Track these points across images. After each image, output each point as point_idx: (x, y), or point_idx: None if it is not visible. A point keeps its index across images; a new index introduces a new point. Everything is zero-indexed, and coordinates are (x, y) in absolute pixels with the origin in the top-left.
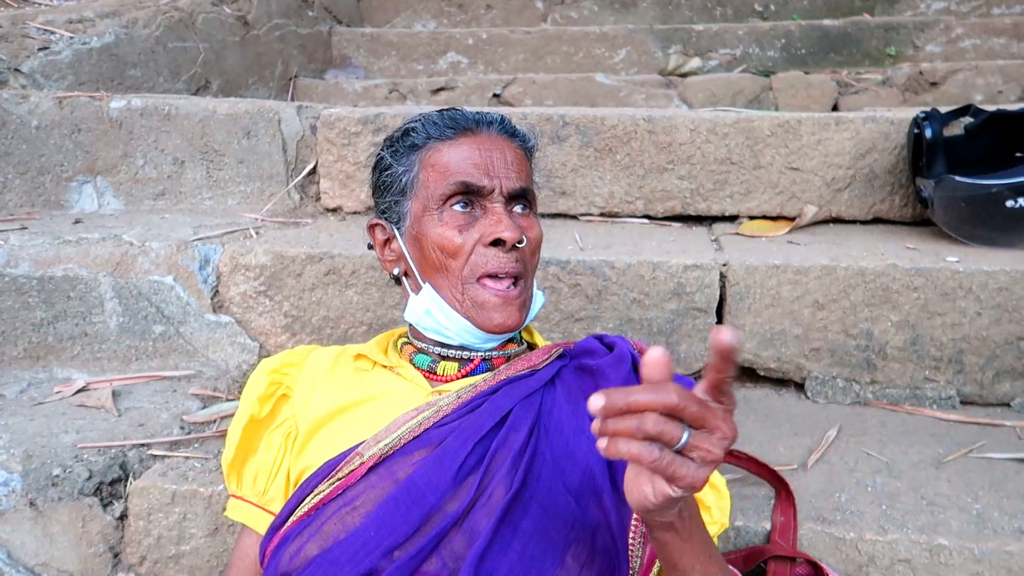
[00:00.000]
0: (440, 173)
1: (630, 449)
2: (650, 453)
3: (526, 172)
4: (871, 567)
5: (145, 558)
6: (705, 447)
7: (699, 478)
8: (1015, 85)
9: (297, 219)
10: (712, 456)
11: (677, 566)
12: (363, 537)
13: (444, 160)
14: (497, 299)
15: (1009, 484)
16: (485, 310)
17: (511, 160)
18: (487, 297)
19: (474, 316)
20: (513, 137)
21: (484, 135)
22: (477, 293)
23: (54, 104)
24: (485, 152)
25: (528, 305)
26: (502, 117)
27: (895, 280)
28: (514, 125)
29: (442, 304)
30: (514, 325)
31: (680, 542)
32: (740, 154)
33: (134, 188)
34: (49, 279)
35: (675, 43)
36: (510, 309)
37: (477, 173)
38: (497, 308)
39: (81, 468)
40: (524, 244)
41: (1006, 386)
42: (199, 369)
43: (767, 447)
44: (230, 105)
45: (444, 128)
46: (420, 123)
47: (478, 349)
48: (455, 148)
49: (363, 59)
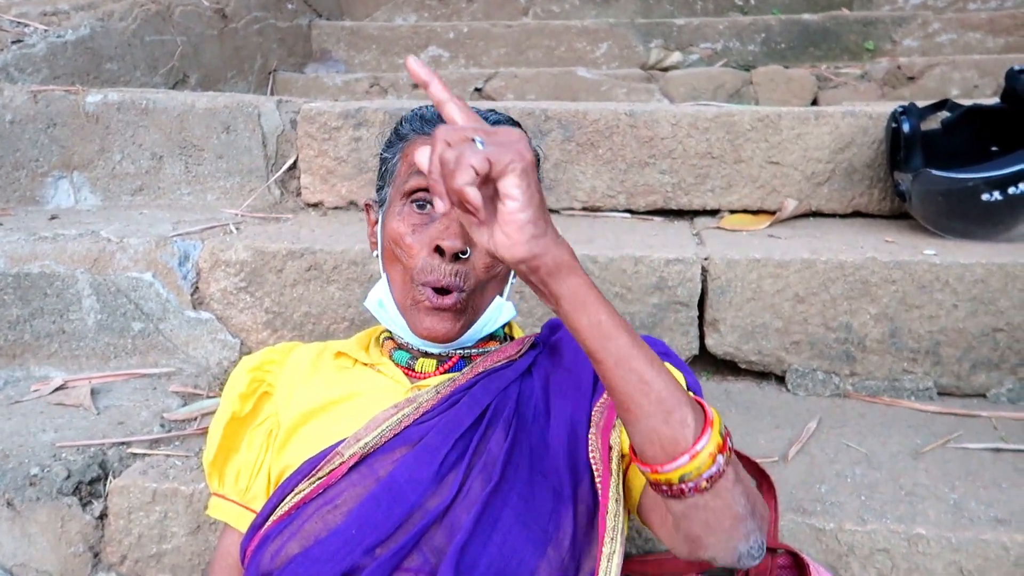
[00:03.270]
0: (409, 166)
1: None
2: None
3: None
4: (851, 557)
5: (126, 557)
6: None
7: (497, 158)
8: (991, 79)
9: (278, 214)
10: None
11: (593, 354)
12: (344, 535)
13: (416, 154)
14: (429, 304)
15: (985, 474)
16: (418, 313)
17: None
18: (421, 300)
19: (409, 318)
20: None
21: None
22: (416, 294)
23: (29, 98)
24: None
25: (472, 315)
26: (498, 119)
27: (874, 273)
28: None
29: (391, 299)
30: (443, 335)
31: (574, 312)
32: (721, 148)
33: (111, 183)
34: (25, 276)
35: (656, 37)
36: (440, 317)
37: None
38: (428, 313)
39: (59, 467)
40: (468, 255)
41: (982, 377)
42: (179, 366)
43: (748, 439)
44: (209, 99)
45: (427, 122)
46: (413, 114)
47: (436, 351)
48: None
49: (343, 53)
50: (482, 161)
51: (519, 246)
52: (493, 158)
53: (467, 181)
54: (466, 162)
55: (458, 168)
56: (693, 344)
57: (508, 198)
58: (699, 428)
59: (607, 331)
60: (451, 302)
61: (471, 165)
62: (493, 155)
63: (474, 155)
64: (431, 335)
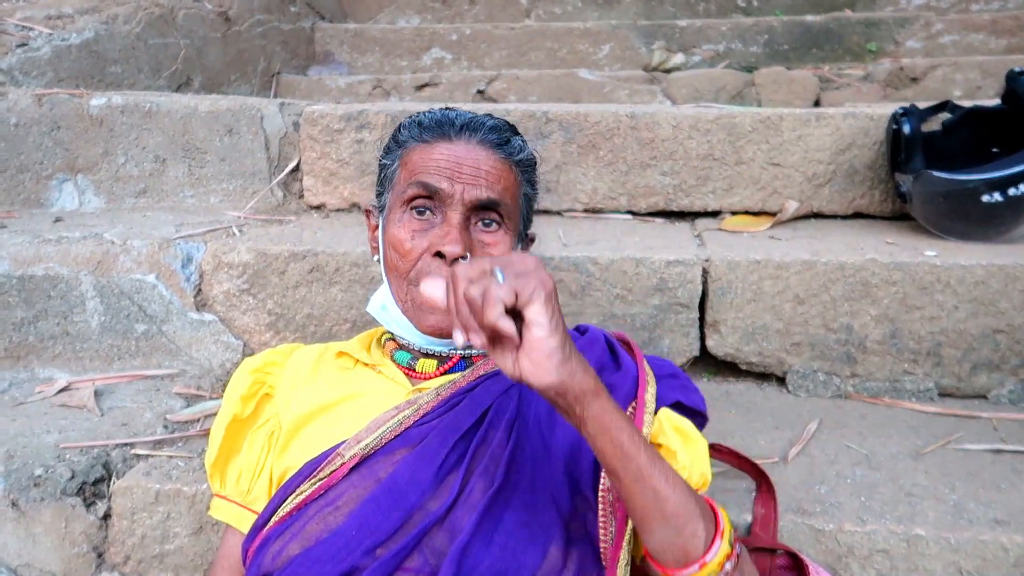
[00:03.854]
0: (408, 172)
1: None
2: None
3: (503, 185)
4: (850, 558)
5: (129, 557)
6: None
7: (520, 287)
8: (993, 81)
9: (280, 217)
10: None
11: (613, 471)
12: (345, 536)
13: (415, 159)
14: None
15: (985, 475)
16: (422, 311)
17: (485, 170)
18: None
19: (412, 316)
20: (500, 147)
21: (463, 143)
22: (417, 294)
23: (33, 101)
24: (454, 157)
25: None
26: (495, 124)
27: (874, 274)
28: (510, 135)
29: (392, 302)
30: (449, 329)
31: (598, 435)
32: (722, 150)
33: (115, 186)
34: (29, 278)
35: (658, 39)
36: (443, 313)
37: (438, 176)
38: (432, 309)
39: (63, 468)
40: (468, 260)
41: (983, 378)
42: (182, 368)
43: (749, 440)
44: (212, 102)
45: (425, 130)
46: (411, 120)
47: (439, 349)
48: (428, 150)
49: (346, 55)
50: (508, 293)
51: (548, 373)
52: (518, 288)
53: (499, 314)
54: (494, 297)
55: (487, 304)
56: (694, 345)
57: (535, 325)
58: (709, 537)
59: (628, 451)
60: None
61: (499, 299)
62: (517, 285)
63: (499, 288)
64: (435, 330)
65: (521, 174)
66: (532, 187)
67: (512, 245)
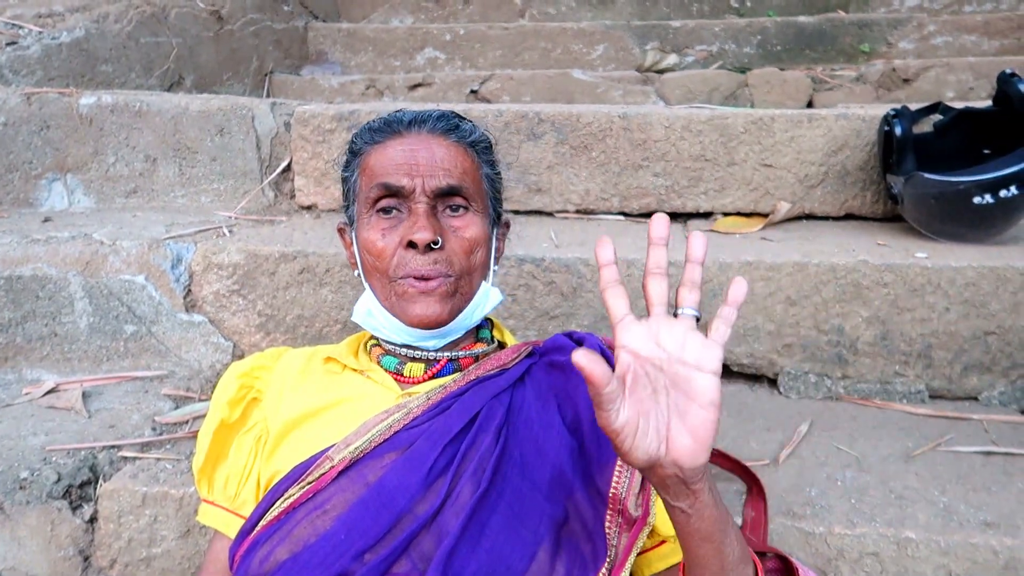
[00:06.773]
0: (368, 177)
1: None
2: None
3: (462, 169)
4: (840, 560)
5: (116, 561)
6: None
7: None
8: (985, 82)
9: (271, 217)
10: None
11: (693, 553)
12: (333, 540)
13: (372, 164)
14: (415, 291)
15: (975, 477)
16: (405, 302)
17: (441, 158)
18: (406, 290)
19: (398, 312)
20: (450, 133)
21: (413, 135)
22: (399, 288)
23: (22, 100)
24: (409, 152)
25: (461, 301)
26: (442, 114)
27: (866, 276)
28: (458, 120)
29: (377, 304)
30: (434, 317)
31: (694, 524)
32: (715, 151)
33: (105, 186)
34: (17, 278)
35: (652, 39)
36: (428, 301)
37: (397, 174)
38: (415, 300)
39: (50, 471)
40: (439, 245)
41: (973, 380)
42: (171, 369)
43: (740, 442)
44: (203, 102)
45: (376, 132)
46: (362, 128)
47: (426, 348)
48: (383, 151)
49: (339, 55)
50: None
51: (705, 451)
52: None
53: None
54: None
55: None
56: None
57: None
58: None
59: (712, 534)
60: (435, 284)
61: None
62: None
63: None
64: (422, 320)
65: (478, 156)
66: (492, 167)
67: (484, 227)
